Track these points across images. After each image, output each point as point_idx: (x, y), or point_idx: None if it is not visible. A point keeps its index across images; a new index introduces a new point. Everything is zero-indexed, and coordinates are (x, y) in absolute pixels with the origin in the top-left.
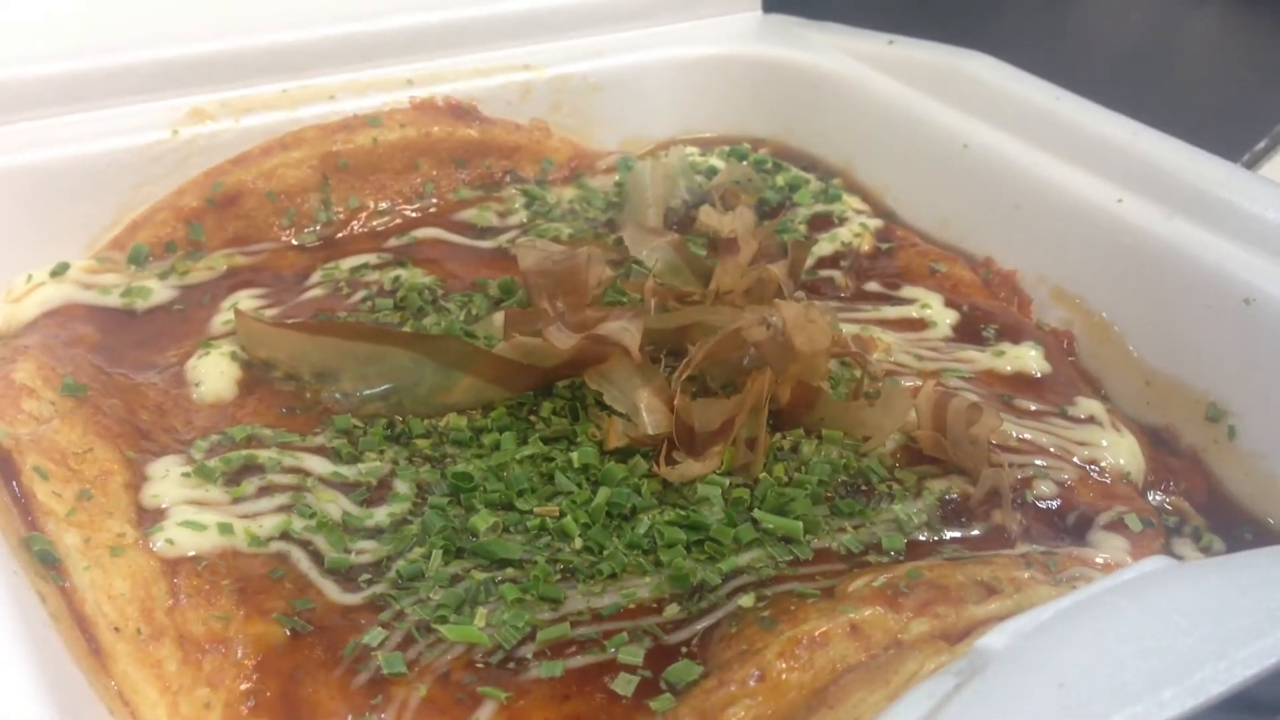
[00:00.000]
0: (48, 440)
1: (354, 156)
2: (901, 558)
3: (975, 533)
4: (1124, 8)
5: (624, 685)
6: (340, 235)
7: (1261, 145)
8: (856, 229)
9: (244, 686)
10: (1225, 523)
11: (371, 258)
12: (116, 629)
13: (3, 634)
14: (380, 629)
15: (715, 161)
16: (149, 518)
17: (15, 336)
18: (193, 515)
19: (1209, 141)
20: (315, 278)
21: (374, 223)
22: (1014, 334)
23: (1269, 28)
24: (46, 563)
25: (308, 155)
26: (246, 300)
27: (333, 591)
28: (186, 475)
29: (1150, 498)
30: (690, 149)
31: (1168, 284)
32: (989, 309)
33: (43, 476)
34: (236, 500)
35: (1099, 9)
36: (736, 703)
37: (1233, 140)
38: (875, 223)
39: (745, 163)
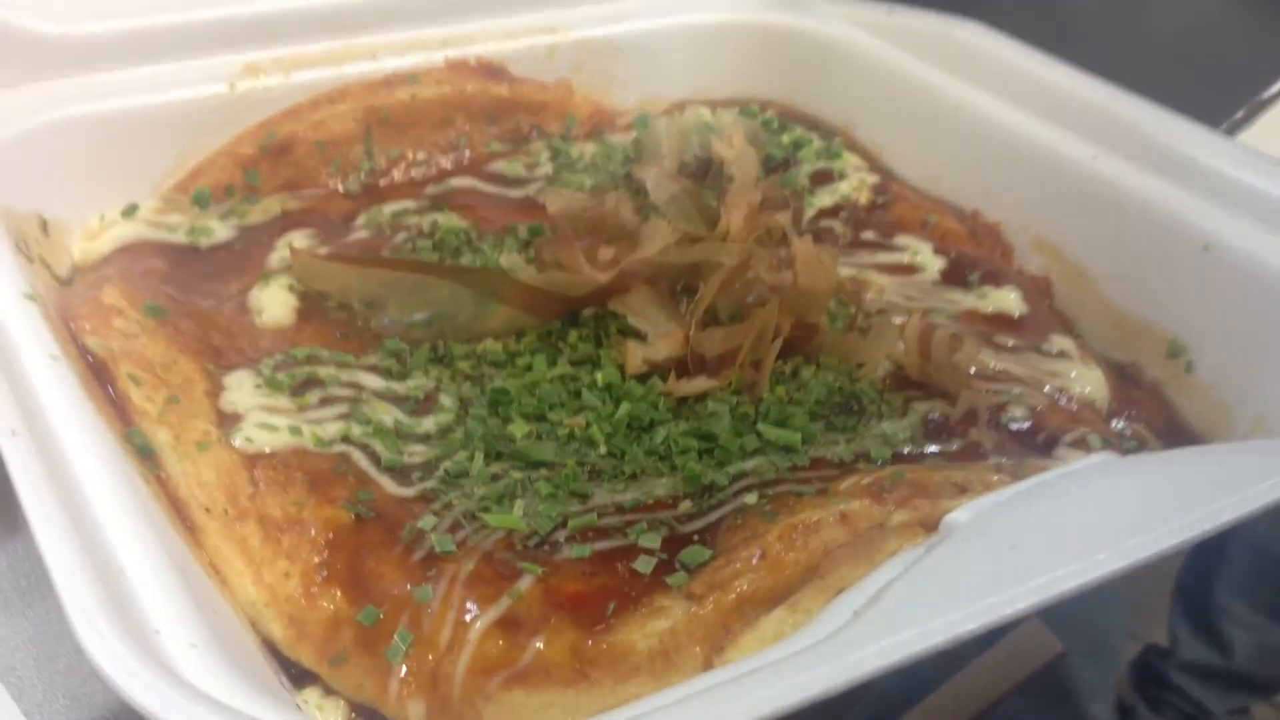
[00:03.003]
0: (137, 353)
1: (394, 111)
2: (888, 466)
3: (954, 447)
4: None
5: (644, 565)
6: (382, 183)
7: (1240, 114)
8: (855, 184)
9: (317, 560)
10: (1180, 446)
11: (411, 204)
12: (207, 510)
13: (124, 503)
14: (432, 515)
15: (726, 119)
16: (228, 421)
17: (93, 269)
18: (266, 419)
19: (1189, 111)
20: (360, 221)
21: (413, 172)
22: (996, 279)
23: (1251, 1)
24: (144, 455)
25: (352, 109)
26: (299, 240)
27: (390, 486)
28: (258, 386)
29: (1114, 425)
30: (703, 109)
31: (1136, 233)
32: (974, 256)
33: (135, 383)
34: (302, 409)
35: None
36: (741, 577)
37: (1212, 109)
38: (873, 178)
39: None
